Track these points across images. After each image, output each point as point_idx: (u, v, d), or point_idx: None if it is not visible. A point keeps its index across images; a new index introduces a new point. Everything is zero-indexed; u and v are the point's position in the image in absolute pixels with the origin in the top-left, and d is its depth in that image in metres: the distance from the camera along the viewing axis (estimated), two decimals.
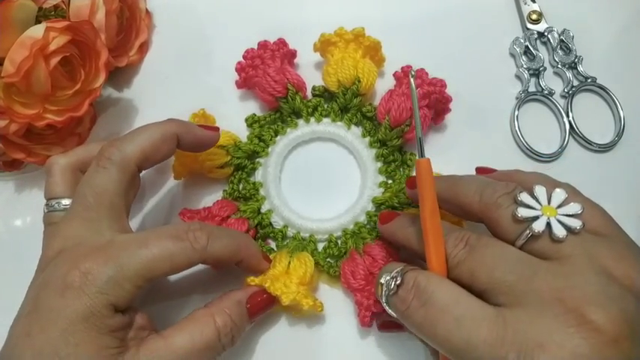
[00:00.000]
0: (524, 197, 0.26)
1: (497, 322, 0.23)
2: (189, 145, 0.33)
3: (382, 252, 0.34)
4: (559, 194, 0.26)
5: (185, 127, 0.33)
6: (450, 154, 0.39)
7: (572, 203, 0.26)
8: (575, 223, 0.25)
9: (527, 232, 0.25)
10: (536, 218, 0.25)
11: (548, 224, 0.25)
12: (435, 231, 0.27)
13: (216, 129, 0.35)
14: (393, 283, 0.27)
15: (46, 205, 0.33)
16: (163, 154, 0.32)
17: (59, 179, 0.33)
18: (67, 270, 0.27)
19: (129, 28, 0.41)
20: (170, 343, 0.28)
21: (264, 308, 0.32)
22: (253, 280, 0.33)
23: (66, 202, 0.32)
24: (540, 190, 0.26)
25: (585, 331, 0.22)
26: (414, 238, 0.30)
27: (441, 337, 0.24)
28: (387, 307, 0.28)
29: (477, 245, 0.26)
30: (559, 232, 0.24)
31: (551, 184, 0.28)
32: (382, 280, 0.28)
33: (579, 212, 0.25)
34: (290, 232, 0.37)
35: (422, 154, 0.28)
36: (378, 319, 0.33)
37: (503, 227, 0.26)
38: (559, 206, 0.26)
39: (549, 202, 0.26)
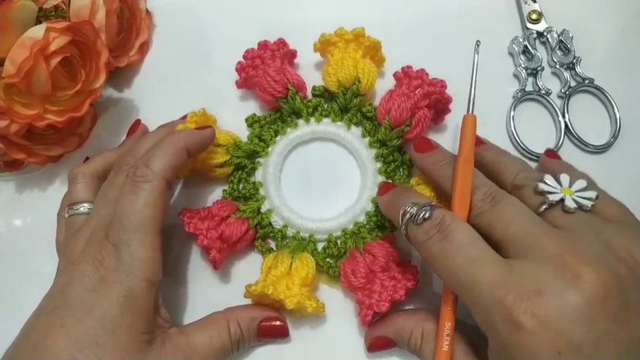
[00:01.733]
0: (548, 178, 0.29)
1: (504, 269, 0.25)
2: (196, 150, 0.34)
3: (383, 250, 0.34)
4: (580, 182, 0.30)
5: (189, 134, 0.33)
6: None
7: (589, 191, 0.29)
8: (587, 202, 0.28)
9: (545, 203, 0.28)
10: (553, 193, 0.29)
11: (562, 199, 0.28)
12: (464, 177, 0.30)
13: (209, 126, 0.36)
14: (421, 215, 0.28)
15: (69, 209, 0.34)
16: (181, 168, 0.33)
17: (84, 186, 0.34)
18: (98, 259, 0.28)
19: (129, 28, 0.41)
20: (191, 340, 0.31)
21: (273, 333, 0.34)
22: (255, 290, 0.32)
23: (89, 205, 0.33)
24: (564, 178, 0.30)
25: (578, 286, 0.24)
26: (447, 178, 0.32)
27: (450, 271, 0.27)
28: (403, 232, 0.30)
29: (502, 201, 0.28)
30: (570, 204, 0.28)
31: (579, 175, 0.31)
32: (408, 209, 0.29)
33: (593, 197, 0.29)
34: (290, 232, 0.37)
35: (469, 111, 0.33)
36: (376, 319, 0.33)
37: (526, 201, 0.29)
38: (577, 191, 0.29)
39: (570, 187, 0.29)
